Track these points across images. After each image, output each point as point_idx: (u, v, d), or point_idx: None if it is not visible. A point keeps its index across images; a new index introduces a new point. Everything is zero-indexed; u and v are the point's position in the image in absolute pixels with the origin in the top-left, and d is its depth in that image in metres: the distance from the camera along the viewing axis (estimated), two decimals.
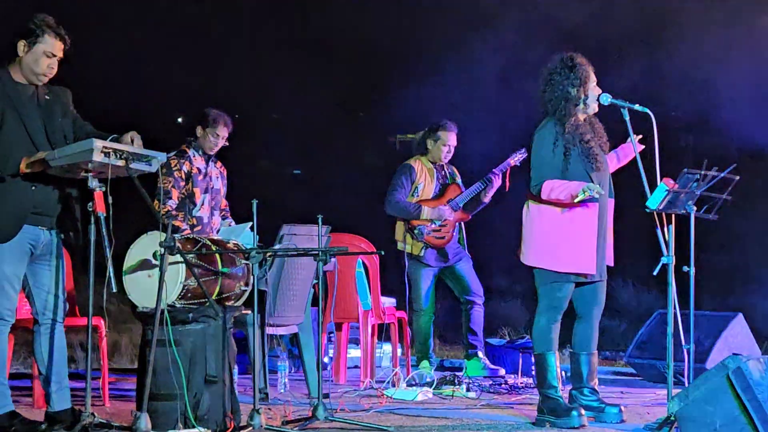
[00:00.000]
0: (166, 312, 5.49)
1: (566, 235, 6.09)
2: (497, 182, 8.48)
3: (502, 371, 8.46)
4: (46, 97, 5.64)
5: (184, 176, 7.42)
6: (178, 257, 5.67)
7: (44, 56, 5.51)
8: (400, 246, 8.48)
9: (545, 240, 6.14)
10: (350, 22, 15.11)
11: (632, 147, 6.24)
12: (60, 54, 5.56)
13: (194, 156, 7.54)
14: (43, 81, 5.59)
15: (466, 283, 8.59)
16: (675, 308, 5.91)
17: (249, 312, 6.27)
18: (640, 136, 6.26)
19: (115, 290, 5.24)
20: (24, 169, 5.38)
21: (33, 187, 5.46)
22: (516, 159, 8.45)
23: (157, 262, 5.60)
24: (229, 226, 7.59)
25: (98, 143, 5.21)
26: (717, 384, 5.15)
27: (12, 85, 5.53)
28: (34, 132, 5.52)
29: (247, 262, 6.02)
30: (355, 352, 8.88)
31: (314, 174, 18.43)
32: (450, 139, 8.56)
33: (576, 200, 5.97)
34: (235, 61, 17.48)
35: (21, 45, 5.50)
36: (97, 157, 5.20)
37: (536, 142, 6.20)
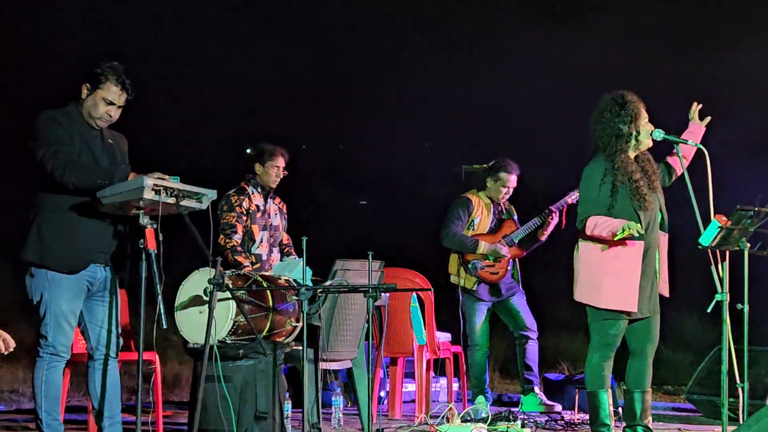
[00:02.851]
0: (215, 348, 5.54)
1: (608, 272, 6.07)
2: (554, 220, 8.42)
3: (559, 407, 8.39)
4: (110, 140, 5.77)
5: (245, 212, 7.48)
6: (229, 294, 5.72)
7: (103, 102, 5.62)
8: (453, 279, 8.45)
9: (590, 277, 6.12)
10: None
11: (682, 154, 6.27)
12: (119, 102, 5.66)
13: (253, 193, 7.60)
14: (100, 126, 5.69)
15: (519, 318, 8.53)
16: (730, 345, 5.83)
17: (301, 347, 6.29)
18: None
19: (165, 327, 5.30)
20: None
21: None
22: (573, 197, 8.35)
23: (208, 299, 5.65)
24: (293, 260, 7.60)
25: (149, 181, 5.29)
26: None
27: (82, 123, 5.66)
28: None
29: (298, 298, 6.04)
30: (411, 387, 8.86)
31: (378, 205, 18.43)
32: (510, 181, 8.47)
33: (615, 238, 5.94)
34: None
35: (84, 88, 5.65)
36: (148, 194, 5.28)
37: (584, 178, 6.19)
